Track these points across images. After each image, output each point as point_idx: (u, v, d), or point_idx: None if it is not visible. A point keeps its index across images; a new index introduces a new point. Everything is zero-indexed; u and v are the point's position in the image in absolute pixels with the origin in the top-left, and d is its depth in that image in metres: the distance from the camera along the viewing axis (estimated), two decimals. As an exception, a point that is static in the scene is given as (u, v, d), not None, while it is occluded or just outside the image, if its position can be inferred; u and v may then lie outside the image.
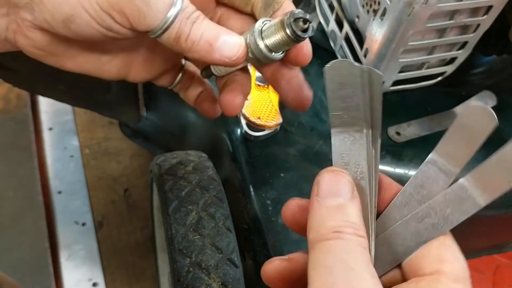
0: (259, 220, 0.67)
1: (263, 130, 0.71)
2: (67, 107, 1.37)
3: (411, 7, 0.61)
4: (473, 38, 0.70)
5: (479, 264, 1.02)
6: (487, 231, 0.84)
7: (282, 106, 0.76)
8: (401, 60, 0.70)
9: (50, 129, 1.33)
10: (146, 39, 0.39)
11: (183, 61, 0.44)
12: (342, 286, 0.26)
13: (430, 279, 0.30)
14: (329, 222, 0.29)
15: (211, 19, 0.38)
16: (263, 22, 0.36)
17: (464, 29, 0.69)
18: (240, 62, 0.36)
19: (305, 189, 0.68)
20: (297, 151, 0.72)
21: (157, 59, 0.41)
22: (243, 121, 0.71)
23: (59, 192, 1.20)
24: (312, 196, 0.30)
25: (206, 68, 0.42)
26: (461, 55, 0.74)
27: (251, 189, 0.69)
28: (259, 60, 0.36)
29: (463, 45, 0.72)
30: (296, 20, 0.34)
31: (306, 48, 0.37)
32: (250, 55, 0.36)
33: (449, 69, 0.77)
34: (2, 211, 1.23)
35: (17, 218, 1.21)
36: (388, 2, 0.63)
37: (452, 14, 0.65)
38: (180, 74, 0.44)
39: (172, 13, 0.33)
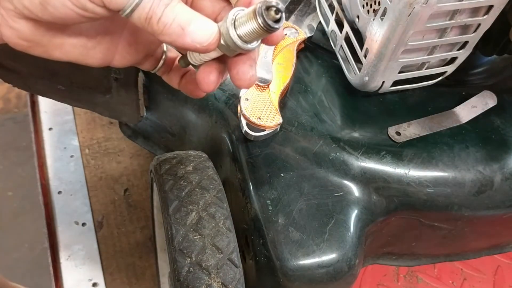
0: (259, 220, 0.67)
1: (263, 130, 0.71)
2: (67, 107, 1.36)
3: (411, 7, 0.61)
4: (473, 38, 0.70)
5: (479, 265, 1.02)
6: (487, 231, 0.84)
7: (282, 106, 0.76)
8: (401, 60, 0.70)
9: (50, 129, 1.33)
10: (129, 24, 0.41)
11: (165, 46, 0.46)
12: None
13: None
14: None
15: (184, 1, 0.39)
16: (237, 11, 0.36)
17: (464, 29, 0.69)
18: (212, 49, 0.36)
19: (305, 189, 0.68)
20: (297, 151, 0.72)
21: (140, 43, 0.43)
22: (243, 121, 0.71)
23: (59, 192, 1.20)
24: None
25: (184, 56, 0.43)
26: (462, 55, 0.74)
27: (251, 189, 0.69)
28: (231, 49, 0.36)
29: (464, 45, 0.72)
30: (268, 8, 0.33)
31: (275, 35, 0.38)
32: (222, 42, 0.36)
33: (450, 69, 0.77)
34: (2, 211, 1.23)
35: (17, 218, 1.21)
36: (389, 2, 0.63)
37: (452, 14, 0.65)
38: (163, 58, 0.45)
39: None
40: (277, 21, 0.34)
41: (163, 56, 0.46)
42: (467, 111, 0.77)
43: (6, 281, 0.76)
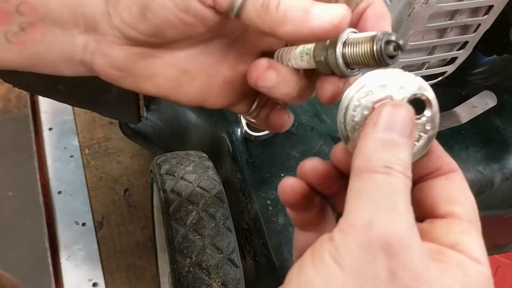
0: (259, 220, 0.67)
1: (263, 130, 0.71)
2: (67, 107, 1.37)
3: (411, 7, 0.61)
4: (473, 38, 0.70)
5: (479, 264, 1.02)
6: (487, 232, 0.84)
7: (282, 106, 0.76)
8: (401, 60, 0.70)
9: (50, 129, 1.33)
10: (228, 58, 0.37)
11: None
12: (383, 222, 0.26)
13: (445, 221, 0.30)
14: (382, 155, 0.27)
15: None
16: (348, 32, 0.32)
17: (464, 29, 0.69)
18: (343, 27, 0.31)
19: (305, 189, 0.68)
20: (297, 151, 0.72)
21: (237, 81, 0.38)
22: (243, 121, 0.71)
23: (59, 192, 1.20)
24: (367, 124, 0.29)
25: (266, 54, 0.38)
26: (462, 55, 0.74)
27: (251, 189, 0.69)
28: (328, 67, 0.32)
29: (464, 45, 0.72)
30: (388, 42, 0.30)
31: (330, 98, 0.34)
32: (322, 59, 0.32)
33: (450, 69, 0.77)
34: (2, 211, 1.23)
35: (17, 218, 1.21)
36: (389, 2, 0.63)
37: (452, 14, 0.65)
38: (258, 98, 0.41)
39: None
40: (392, 57, 0.30)
41: (258, 97, 0.41)
42: (467, 111, 0.77)
43: (6, 274, 0.76)
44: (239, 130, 0.73)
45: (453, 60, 0.76)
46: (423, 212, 0.31)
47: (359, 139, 0.29)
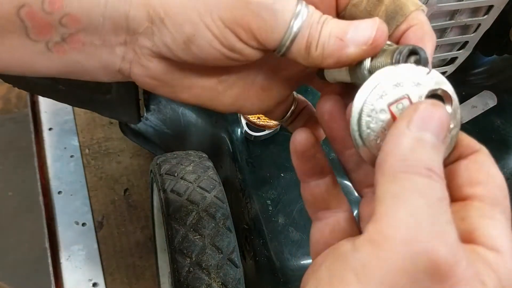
0: (259, 220, 0.67)
1: (263, 130, 0.71)
2: (67, 107, 1.37)
3: (411, 7, 0.61)
4: (473, 38, 0.70)
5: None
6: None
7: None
8: (401, 60, 0.70)
9: (50, 129, 1.33)
10: (265, 66, 0.37)
11: (295, 93, 0.41)
12: (428, 238, 0.22)
13: (462, 205, 0.27)
14: (422, 156, 0.24)
15: None
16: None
17: (464, 29, 0.69)
18: (381, 44, 0.30)
19: (305, 189, 0.68)
20: (297, 151, 0.72)
21: (274, 88, 0.38)
22: (243, 121, 0.71)
23: (59, 192, 1.20)
24: (400, 120, 0.26)
25: (320, 70, 0.37)
26: (462, 55, 0.74)
27: (251, 189, 0.69)
28: (358, 77, 0.31)
29: (464, 45, 0.72)
30: (410, 54, 0.28)
31: None
32: (351, 70, 0.31)
33: (450, 69, 0.77)
34: (2, 211, 1.23)
35: (17, 218, 1.21)
36: (388, 2, 0.63)
37: (452, 14, 0.65)
38: (293, 106, 0.40)
39: (298, 21, 0.30)
40: None
41: (293, 104, 0.40)
42: (467, 111, 0.77)
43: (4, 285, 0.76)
44: (239, 130, 0.73)
45: (453, 60, 0.76)
46: None
47: (388, 138, 0.26)
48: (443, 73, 0.78)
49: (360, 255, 0.22)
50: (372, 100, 0.28)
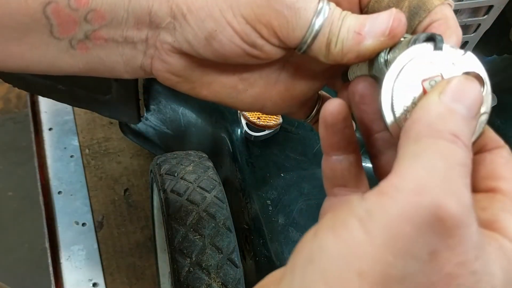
0: (259, 220, 0.67)
1: (263, 130, 0.71)
2: (67, 107, 1.36)
3: (411, 7, 0.61)
4: (473, 38, 0.70)
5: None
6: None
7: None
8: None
9: (50, 129, 1.33)
10: (288, 65, 0.36)
11: (320, 92, 0.40)
12: (439, 191, 0.21)
13: (485, 196, 0.26)
14: (449, 123, 0.23)
15: None
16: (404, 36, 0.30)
17: (464, 29, 0.69)
18: (400, 34, 0.29)
19: (305, 189, 0.68)
20: (297, 151, 0.72)
21: (297, 89, 0.37)
22: (243, 121, 0.71)
23: (59, 192, 1.20)
24: (432, 91, 0.25)
25: (344, 72, 0.36)
26: (461, 55, 0.74)
27: (251, 189, 0.69)
28: (377, 71, 0.31)
29: (464, 45, 0.72)
30: (428, 40, 0.28)
31: None
32: (377, 65, 0.31)
33: (449, 69, 0.77)
34: (2, 211, 1.23)
35: (17, 218, 1.21)
36: (388, 2, 0.63)
37: (452, 14, 0.65)
38: (318, 105, 0.39)
39: (320, 19, 0.30)
40: None
41: (318, 103, 0.39)
42: (467, 111, 0.77)
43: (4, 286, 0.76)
44: (239, 130, 0.73)
45: (453, 60, 0.76)
46: None
47: (417, 108, 0.25)
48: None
49: (366, 203, 0.22)
50: (405, 75, 0.27)
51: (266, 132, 0.71)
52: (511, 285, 0.23)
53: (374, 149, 0.32)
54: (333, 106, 0.31)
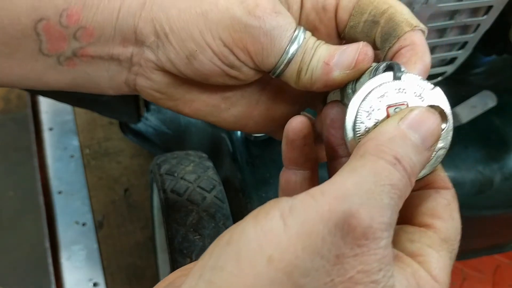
0: (259, 220, 0.68)
1: (263, 130, 0.71)
2: (67, 107, 1.36)
3: (411, 7, 0.61)
4: (473, 38, 0.70)
5: (479, 264, 1.02)
6: (487, 231, 0.84)
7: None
8: (401, 60, 0.70)
9: (50, 129, 1.33)
10: (268, 88, 0.37)
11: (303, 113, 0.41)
12: (360, 204, 0.22)
13: (418, 230, 0.28)
14: (397, 147, 0.25)
15: None
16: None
17: (464, 29, 0.69)
18: (364, 67, 0.30)
19: (305, 189, 0.68)
20: (297, 151, 0.72)
21: (278, 110, 0.38)
22: (243, 121, 0.71)
23: (59, 192, 1.20)
24: (392, 117, 0.27)
25: (325, 96, 0.38)
26: (461, 55, 0.74)
27: (251, 189, 0.69)
28: (342, 95, 0.32)
29: (463, 45, 0.72)
30: (386, 71, 0.29)
31: None
32: (340, 92, 0.32)
33: (449, 69, 0.77)
34: (2, 211, 1.23)
35: (17, 218, 1.21)
36: (388, 2, 0.63)
37: (452, 14, 0.65)
38: None
39: (294, 47, 0.31)
40: None
41: None
42: (467, 111, 0.77)
43: None
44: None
45: (453, 60, 0.76)
46: (401, 218, 0.27)
47: (376, 129, 0.26)
48: (442, 73, 0.78)
49: (292, 201, 0.23)
50: (373, 98, 0.28)
51: (266, 132, 0.71)
52: None
53: (334, 172, 0.34)
54: (295, 123, 0.33)
